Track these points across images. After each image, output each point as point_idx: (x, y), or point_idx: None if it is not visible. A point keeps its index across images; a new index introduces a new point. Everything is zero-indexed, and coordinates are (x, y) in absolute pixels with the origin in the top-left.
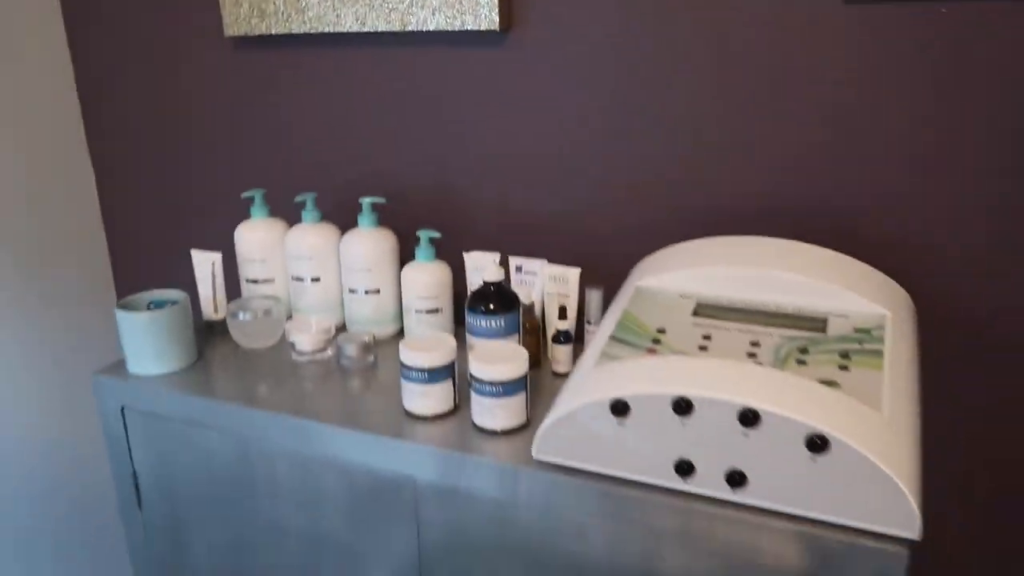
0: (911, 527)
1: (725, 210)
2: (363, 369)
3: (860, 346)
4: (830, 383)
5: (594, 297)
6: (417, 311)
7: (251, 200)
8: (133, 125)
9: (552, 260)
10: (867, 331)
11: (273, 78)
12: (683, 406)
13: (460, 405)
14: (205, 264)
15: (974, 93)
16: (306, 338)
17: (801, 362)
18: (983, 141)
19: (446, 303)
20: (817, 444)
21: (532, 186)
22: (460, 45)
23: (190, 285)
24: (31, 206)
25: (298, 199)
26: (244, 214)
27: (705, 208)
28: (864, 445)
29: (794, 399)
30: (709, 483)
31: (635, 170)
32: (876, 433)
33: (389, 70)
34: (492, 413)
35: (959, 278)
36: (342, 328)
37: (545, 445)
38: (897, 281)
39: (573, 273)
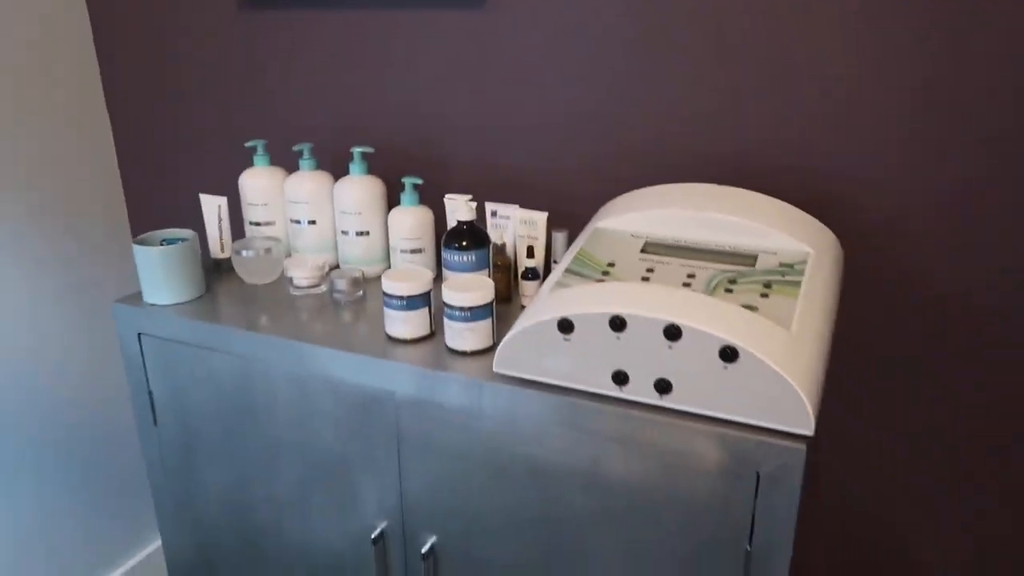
0: (807, 426)
1: (676, 161)
2: (353, 302)
3: (782, 278)
4: (750, 307)
5: (559, 239)
6: (402, 251)
7: (254, 150)
8: (146, 79)
9: (524, 206)
10: (791, 266)
11: (274, 37)
12: (618, 323)
13: (435, 331)
14: (212, 207)
15: (895, 47)
16: (303, 274)
17: (728, 290)
18: (906, 97)
19: (428, 243)
20: (728, 354)
21: (507, 140)
22: (443, 7)
23: (199, 227)
24: (54, 154)
25: (295, 148)
26: (247, 162)
27: (659, 161)
28: (768, 356)
29: (711, 317)
30: (641, 391)
31: (599, 128)
32: (781, 347)
33: (379, 31)
34: (462, 336)
35: (883, 225)
36: (335, 267)
37: (503, 360)
38: (829, 225)
39: (541, 217)
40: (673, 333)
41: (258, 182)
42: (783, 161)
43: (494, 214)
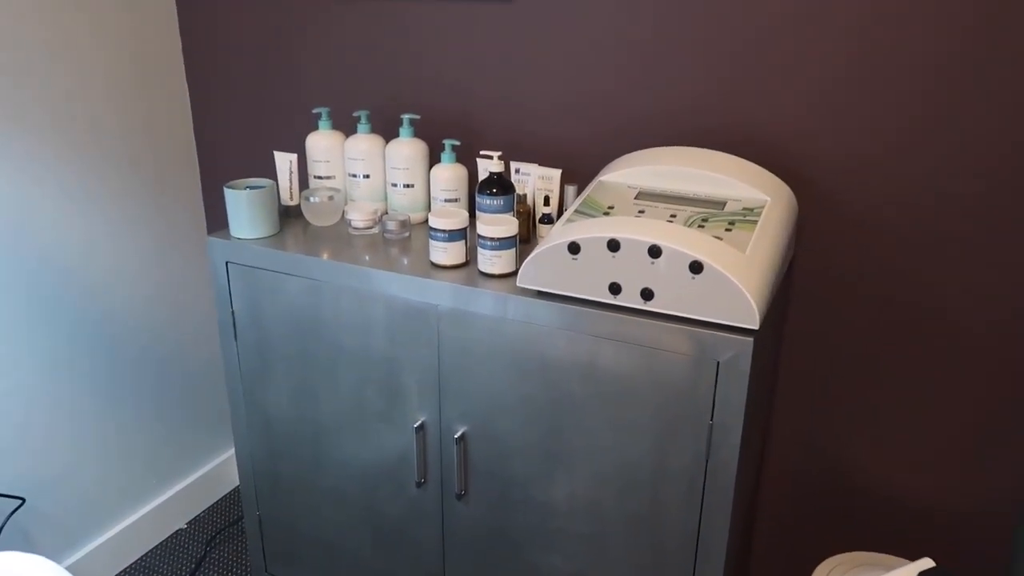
0: (753, 322)
1: (667, 131)
2: (401, 241)
3: (743, 218)
4: (716, 237)
5: (570, 191)
6: (442, 200)
7: (319, 115)
8: (226, 53)
9: (542, 164)
10: (751, 209)
11: (339, 21)
12: (613, 245)
13: (470, 260)
14: (284, 162)
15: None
16: (360, 217)
17: (701, 226)
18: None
19: (463, 194)
20: (696, 267)
21: (529, 111)
22: (480, 0)
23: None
24: (142, 117)
25: (354, 114)
26: (313, 126)
27: (654, 130)
28: (726, 268)
29: (684, 240)
30: (630, 298)
31: (606, 103)
32: (736, 263)
33: (427, 18)
34: (491, 262)
35: (833, 182)
36: (385, 213)
37: (525, 276)
38: (786, 179)
39: (556, 173)
40: (655, 251)
41: (322, 142)
42: (752, 131)
43: (517, 171)
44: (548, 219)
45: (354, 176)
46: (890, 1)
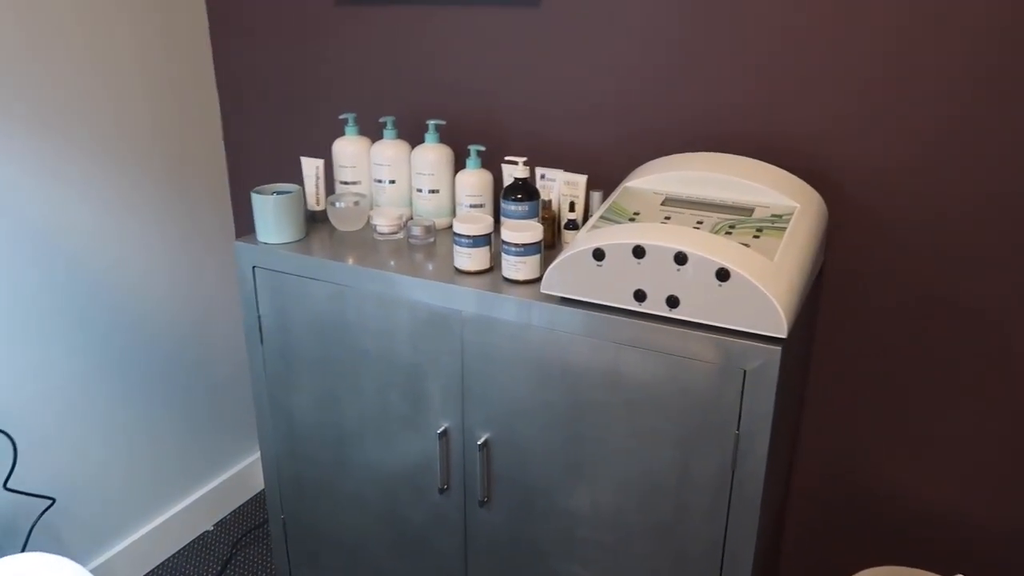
0: (781, 330)
1: (691, 137)
2: (426, 246)
3: (772, 225)
4: (744, 244)
5: (596, 197)
6: (467, 205)
7: (346, 121)
8: (254, 61)
9: (568, 170)
10: (780, 216)
11: (364, 28)
12: (639, 252)
13: (494, 266)
14: (311, 167)
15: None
16: (385, 222)
17: (728, 233)
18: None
19: (488, 200)
20: (723, 275)
21: (554, 117)
22: (506, 5)
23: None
24: (172, 123)
25: (380, 120)
26: (340, 131)
27: (678, 136)
28: (753, 276)
29: (711, 247)
30: (655, 306)
31: (630, 110)
32: (764, 271)
33: (452, 24)
34: (516, 268)
35: (864, 188)
36: (410, 218)
37: (549, 282)
38: (815, 185)
39: (581, 179)
40: (681, 259)
41: (349, 148)
42: (781, 136)
43: (543, 176)
44: (573, 225)
45: (380, 181)
46: (926, 2)
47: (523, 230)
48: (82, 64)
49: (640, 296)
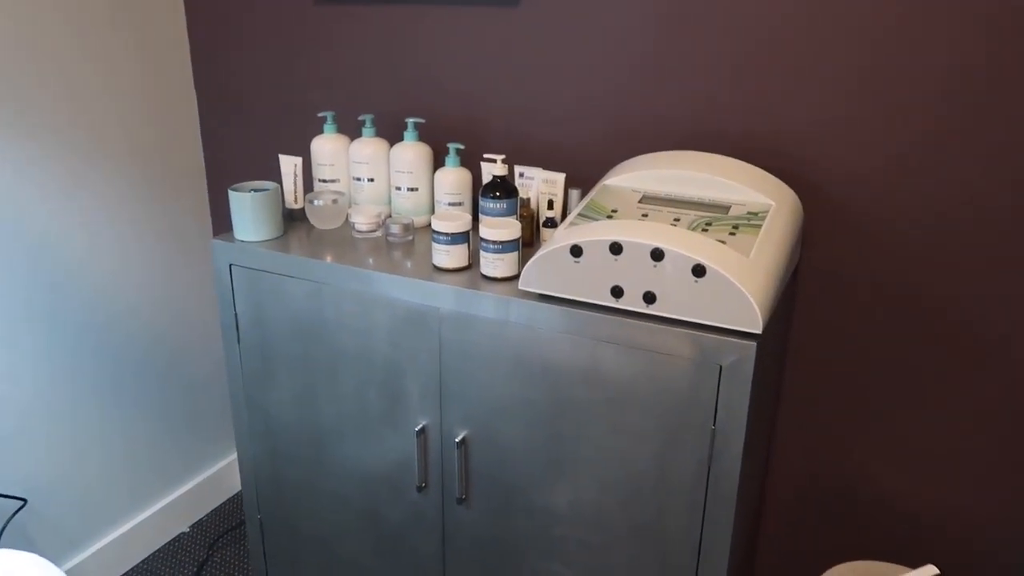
0: (756, 326)
1: (668, 136)
2: (404, 244)
3: (748, 222)
4: (720, 241)
5: (574, 195)
6: (445, 204)
7: (324, 119)
8: (233, 59)
9: (546, 168)
10: (756, 214)
11: (343, 26)
12: (616, 248)
13: (472, 263)
14: (289, 165)
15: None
16: (363, 220)
17: (705, 230)
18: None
19: (467, 198)
20: (699, 271)
21: (533, 116)
22: (484, 4)
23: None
24: (148, 120)
25: (360, 118)
26: (318, 129)
27: (655, 135)
28: (728, 272)
29: (687, 244)
30: (633, 302)
31: (608, 108)
32: (739, 267)
33: (430, 23)
34: (494, 265)
35: (841, 188)
36: (389, 216)
37: (527, 279)
38: (791, 184)
39: (560, 177)
40: (658, 255)
41: (327, 146)
42: (758, 136)
43: (522, 175)
44: (552, 223)
45: (358, 179)
46: (902, 5)
47: (501, 227)
48: (59, 63)
49: (617, 292)
